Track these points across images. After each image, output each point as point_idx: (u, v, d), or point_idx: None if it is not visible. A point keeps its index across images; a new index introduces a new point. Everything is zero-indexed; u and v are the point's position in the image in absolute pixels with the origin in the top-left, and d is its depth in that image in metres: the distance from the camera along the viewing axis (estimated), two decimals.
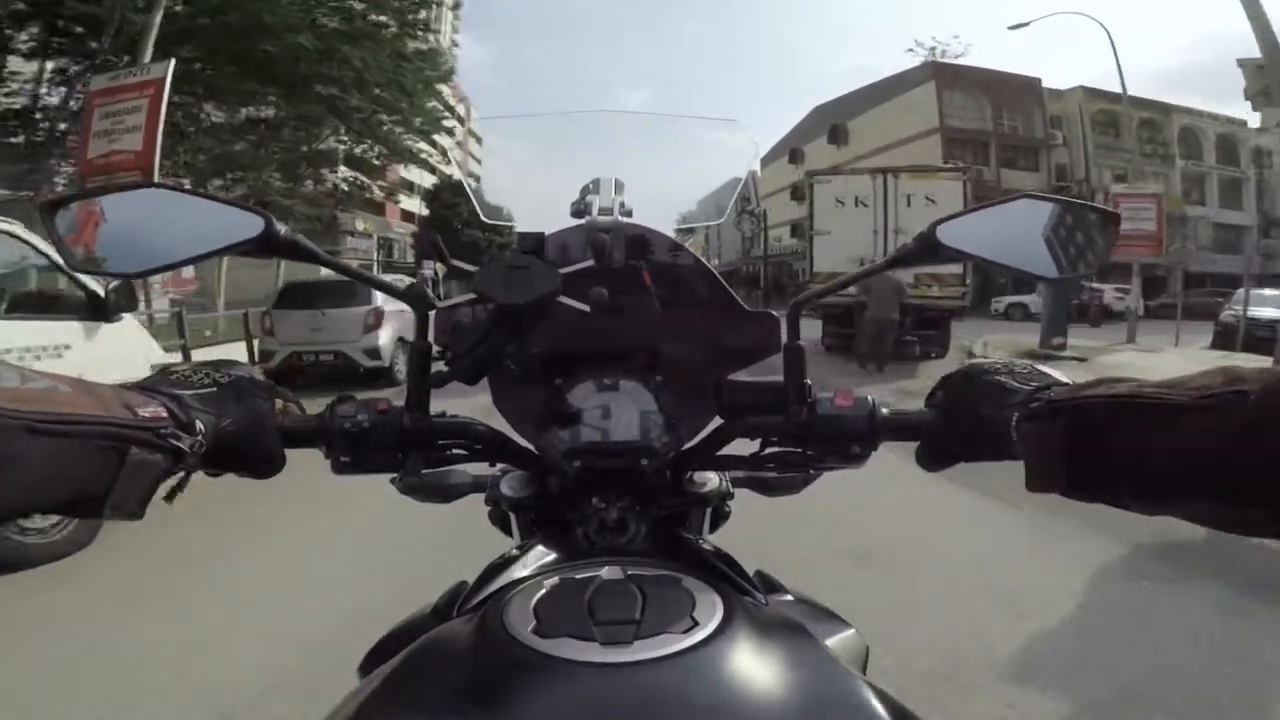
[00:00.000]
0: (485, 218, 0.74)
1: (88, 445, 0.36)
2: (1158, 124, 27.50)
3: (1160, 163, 26.25)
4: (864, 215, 9.42)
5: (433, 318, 0.56)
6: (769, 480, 0.62)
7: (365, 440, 0.51)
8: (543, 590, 0.41)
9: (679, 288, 0.68)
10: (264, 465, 0.49)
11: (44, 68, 10.52)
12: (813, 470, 0.57)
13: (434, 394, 0.54)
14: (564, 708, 0.33)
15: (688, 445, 0.59)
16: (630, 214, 0.65)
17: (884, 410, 0.53)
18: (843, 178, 10.25)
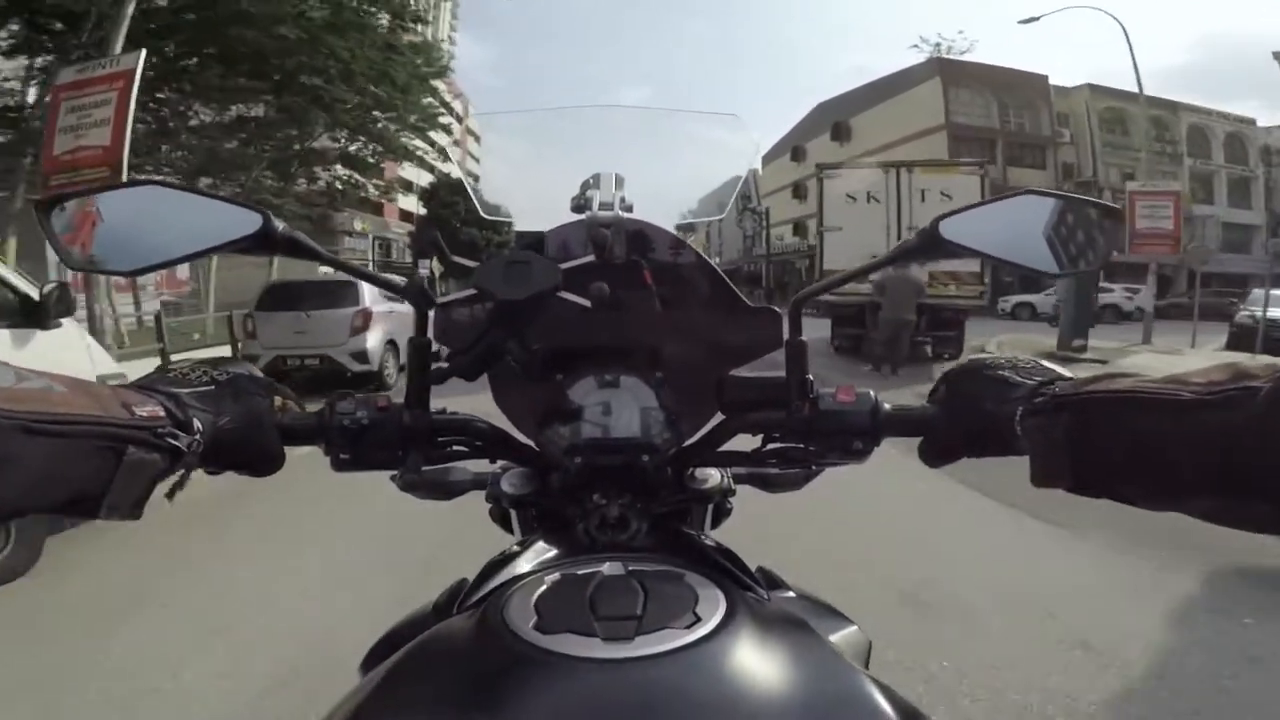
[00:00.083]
0: (484, 215, 0.74)
1: (84, 445, 0.35)
2: (1166, 122, 27.32)
3: (1169, 161, 26.08)
4: (876, 211, 9.06)
5: (432, 314, 0.55)
6: (771, 476, 0.62)
7: (365, 437, 0.51)
8: (544, 586, 0.40)
9: (680, 283, 0.68)
10: (263, 463, 0.49)
11: (33, 63, 10.23)
12: (815, 466, 0.57)
13: (434, 391, 0.53)
14: (566, 704, 0.32)
15: (689, 441, 0.59)
16: (631, 209, 0.64)
17: (886, 406, 0.53)
18: (853, 172, 9.92)
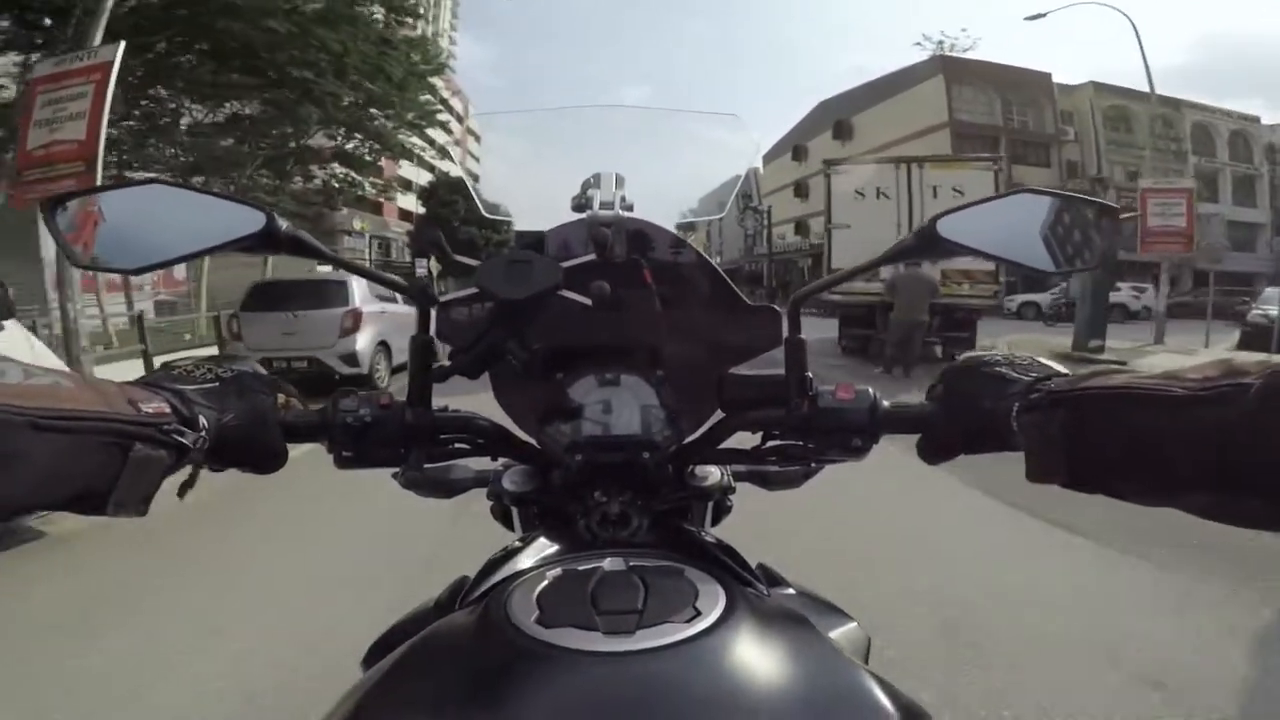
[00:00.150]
0: (485, 214, 0.74)
1: (91, 442, 0.36)
2: (1170, 120, 27.16)
3: (1174, 159, 25.94)
4: (885, 208, 8.69)
5: (434, 313, 0.56)
6: (770, 474, 0.62)
7: (367, 435, 0.52)
8: (545, 581, 0.41)
9: (680, 282, 0.68)
10: (267, 460, 0.49)
11: (28, 59, 9.96)
12: (814, 463, 0.57)
13: (435, 389, 0.54)
14: (567, 696, 0.33)
15: (689, 439, 0.59)
16: (631, 209, 0.64)
17: (885, 403, 0.53)
18: (862, 167, 9.54)
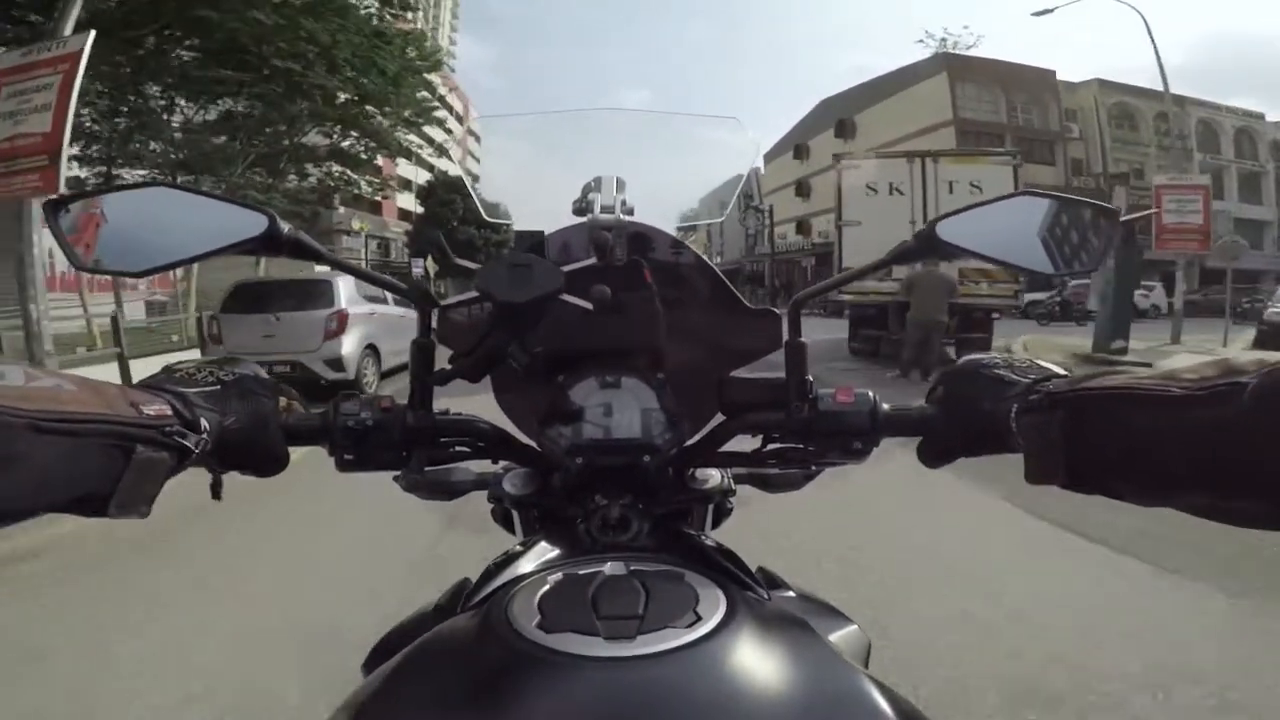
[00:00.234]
0: (485, 216, 0.74)
1: (93, 444, 0.36)
2: (1175, 117, 27.01)
3: (1180, 156, 25.81)
4: (899, 204, 8.23)
5: (435, 316, 0.56)
6: (771, 477, 0.62)
7: (368, 438, 0.52)
8: (546, 586, 0.41)
9: (681, 285, 0.68)
10: (268, 463, 0.49)
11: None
12: (814, 466, 0.57)
13: (436, 391, 0.54)
14: (568, 702, 0.33)
15: (690, 442, 0.59)
16: (632, 212, 0.64)
17: (885, 406, 0.53)
18: (874, 162, 9.19)
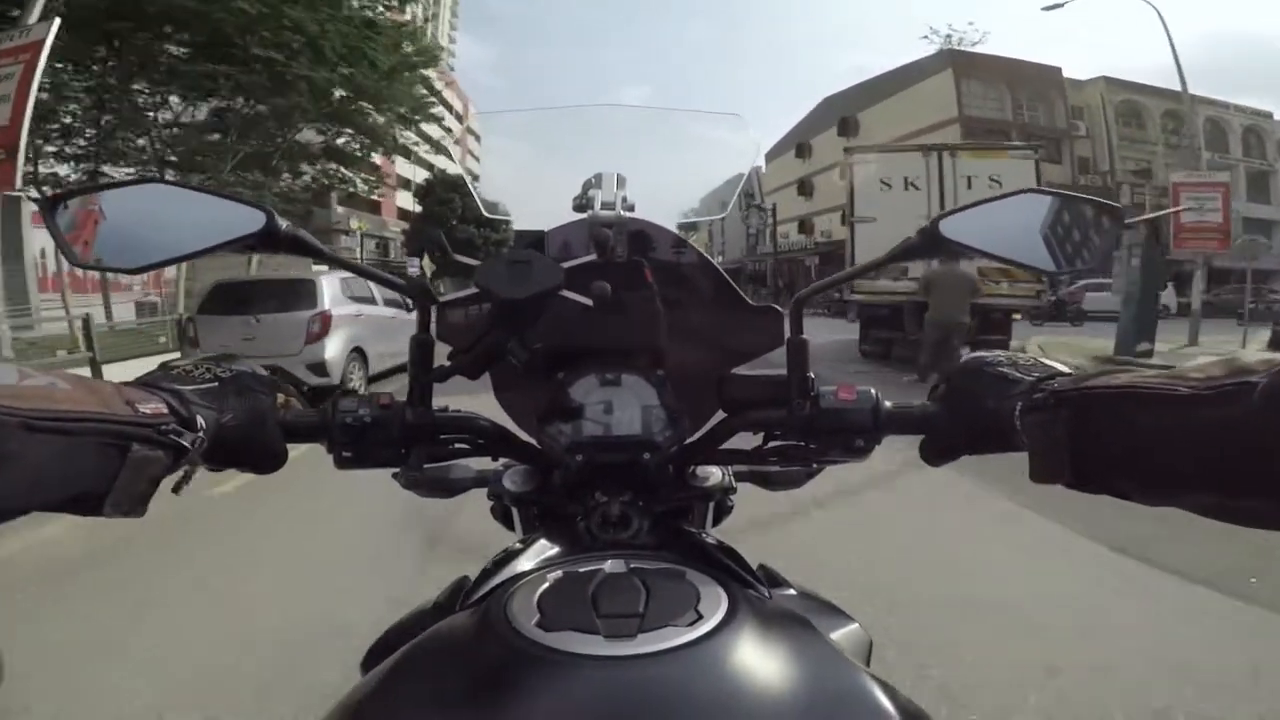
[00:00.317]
0: (486, 214, 0.74)
1: (88, 443, 0.35)
2: (1182, 115, 26.87)
3: (1188, 155, 25.67)
4: (915, 200, 7.90)
5: (434, 313, 0.56)
6: (772, 474, 0.62)
7: (367, 435, 0.51)
8: (546, 584, 0.41)
9: (682, 283, 0.68)
10: (266, 461, 0.49)
11: None
12: (816, 464, 0.57)
13: (435, 388, 0.54)
14: (568, 701, 0.33)
15: (690, 439, 0.59)
16: (633, 209, 0.64)
17: (888, 404, 0.53)
18: (888, 156, 8.88)
